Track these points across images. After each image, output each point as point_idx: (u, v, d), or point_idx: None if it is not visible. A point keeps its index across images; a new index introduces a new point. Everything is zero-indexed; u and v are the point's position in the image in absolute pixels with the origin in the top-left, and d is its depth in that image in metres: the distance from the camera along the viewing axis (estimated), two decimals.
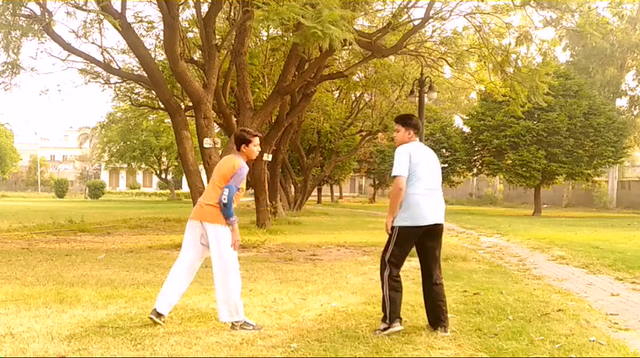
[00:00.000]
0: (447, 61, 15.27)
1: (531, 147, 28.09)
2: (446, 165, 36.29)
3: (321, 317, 5.40)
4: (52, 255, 9.70)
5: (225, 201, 4.79)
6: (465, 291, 6.76)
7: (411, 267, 8.76)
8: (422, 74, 12.14)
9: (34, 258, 9.29)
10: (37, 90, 34.76)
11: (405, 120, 5.10)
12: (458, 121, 42.49)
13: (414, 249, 5.13)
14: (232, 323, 4.84)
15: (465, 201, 45.16)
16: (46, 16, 10.48)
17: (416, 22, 12.79)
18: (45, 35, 11.38)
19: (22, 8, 10.50)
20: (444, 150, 36.33)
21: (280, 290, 6.68)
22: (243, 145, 5.14)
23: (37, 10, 10.65)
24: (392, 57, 17.48)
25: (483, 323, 5.17)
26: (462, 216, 25.29)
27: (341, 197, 51.89)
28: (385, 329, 4.79)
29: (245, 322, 4.86)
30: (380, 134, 31.06)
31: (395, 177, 4.83)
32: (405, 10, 12.76)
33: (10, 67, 12.76)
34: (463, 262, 9.50)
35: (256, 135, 5.21)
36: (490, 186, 51.21)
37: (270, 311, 5.59)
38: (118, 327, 4.84)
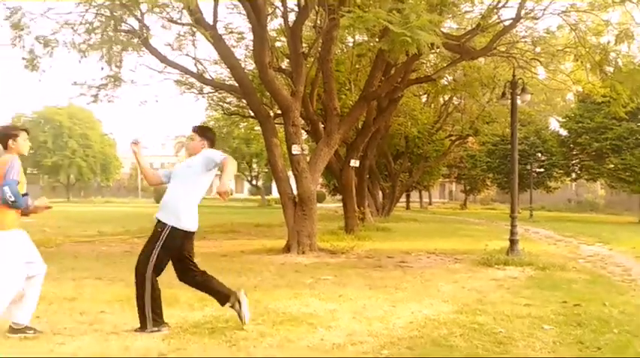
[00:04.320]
0: (540, 62, 14.63)
1: (635, 150, 26.34)
2: (542, 169, 34.78)
3: (411, 324, 5.32)
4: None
5: (13, 199, 4.46)
6: (565, 302, 6.43)
7: (506, 276, 8.47)
8: (514, 76, 11.68)
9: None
10: (136, 101, 36.64)
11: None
12: (554, 124, 40.60)
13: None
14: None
15: (562, 208, 42.95)
16: (144, 31, 11.05)
17: (506, 23, 12.36)
18: (143, 49, 12.03)
19: (123, 24, 11.14)
20: (539, 154, 34.82)
21: (370, 297, 6.64)
22: (10, 141, 4.75)
23: (136, 25, 11.27)
24: (482, 59, 16.99)
25: (585, 336, 4.89)
26: (560, 223, 24.12)
27: (430, 203, 51.00)
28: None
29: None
30: (470, 138, 30.25)
31: None
32: (495, 10, 12.36)
33: (112, 79, 13.59)
34: (562, 271, 9.05)
35: (23, 130, 4.92)
36: (590, 191, 48.48)
37: (360, 318, 5.57)
38: (214, 329, 5.00)
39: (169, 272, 5.01)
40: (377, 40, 11.65)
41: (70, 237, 13.45)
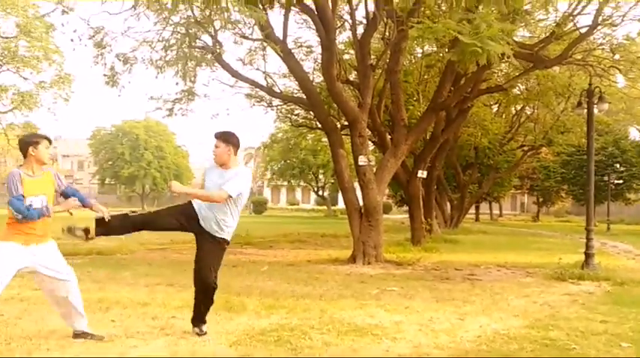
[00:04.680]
0: (619, 70, 14.01)
1: None
2: (620, 181, 33.16)
3: (480, 338, 5.21)
4: (221, 266, 10.46)
5: (19, 217, 4.41)
6: None
7: (581, 291, 8.13)
8: (590, 84, 11.24)
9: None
10: (208, 115, 37.73)
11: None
12: (634, 133, 38.65)
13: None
14: None
15: None
16: (217, 47, 11.43)
17: (583, 30, 11.95)
18: (216, 64, 12.44)
19: (197, 41, 11.57)
20: (617, 165, 33.23)
21: (437, 310, 6.55)
22: (31, 148, 4.58)
23: (209, 42, 11.67)
24: (556, 67, 16.44)
25: None
26: None
27: (501, 215, 49.56)
28: None
29: None
30: (544, 149, 29.25)
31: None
32: (571, 18, 11.98)
33: (186, 94, 14.13)
34: None
35: (45, 138, 4.72)
36: None
37: (427, 330, 5.51)
38: (280, 337, 5.08)
39: (237, 281, 5.14)
40: (446, 50, 11.53)
41: (144, 245, 13.98)
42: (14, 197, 4.42)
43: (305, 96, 12.97)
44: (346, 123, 13.57)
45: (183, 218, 4.92)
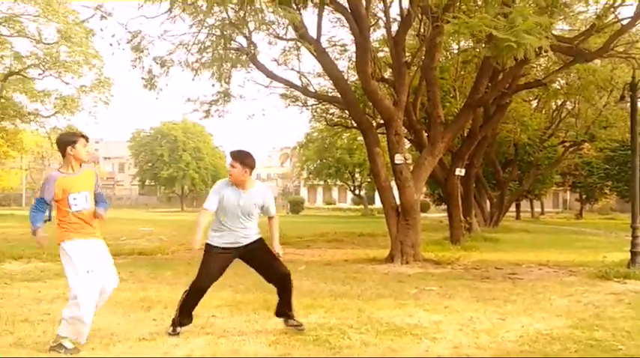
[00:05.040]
0: None
1: None
2: None
3: (522, 338, 5.10)
4: None
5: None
6: None
7: (627, 290, 7.89)
8: (633, 77, 10.88)
9: (244, 268, 10.16)
10: (244, 115, 38.19)
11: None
12: None
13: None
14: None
15: None
16: (252, 48, 11.51)
17: (624, 22, 11.59)
18: (251, 65, 12.53)
19: (232, 42, 11.68)
20: None
21: (477, 309, 6.45)
22: (69, 148, 4.67)
23: (244, 43, 11.77)
24: (597, 60, 16.00)
25: None
26: None
27: (542, 213, 48.53)
28: None
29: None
30: (586, 144, 28.52)
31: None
32: (612, 9, 11.63)
33: (222, 95, 14.30)
34: None
35: (83, 136, 4.80)
36: None
37: (467, 330, 5.43)
38: (318, 336, 5.08)
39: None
40: (483, 46, 11.35)
41: (184, 245, 14.18)
42: (36, 198, 4.63)
43: (340, 95, 12.94)
44: (382, 121, 13.49)
45: (224, 258, 5.19)
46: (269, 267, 5.32)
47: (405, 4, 12.32)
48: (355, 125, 15.72)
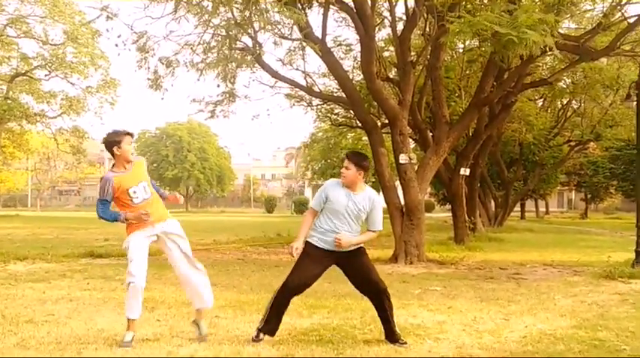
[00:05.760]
0: None
1: None
2: None
3: (525, 339, 5.09)
4: (263, 266, 10.59)
5: (98, 216, 4.83)
6: None
7: (631, 290, 7.86)
8: (639, 76, 10.88)
9: (248, 268, 10.22)
10: (249, 115, 38.16)
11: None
12: None
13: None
14: None
15: None
16: (257, 48, 11.52)
17: (631, 20, 11.55)
18: (256, 65, 12.54)
19: (237, 42, 11.69)
20: None
21: (480, 309, 6.44)
22: (115, 148, 4.76)
23: (249, 43, 11.78)
24: (604, 59, 15.94)
25: None
26: None
27: (547, 212, 48.40)
28: None
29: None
30: (591, 143, 28.41)
31: None
32: (618, 7, 11.58)
33: (227, 96, 14.31)
34: None
35: (127, 134, 4.86)
36: None
37: (470, 330, 5.42)
38: (321, 336, 5.08)
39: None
40: (488, 44, 11.33)
41: None
42: (98, 199, 4.76)
43: (345, 95, 12.94)
44: (386, 121, 13.48)
45: (321, 260, 5.09)
46: (366, 279, 5.07)
47: (411, 3, 12.32)
48: (360, 125, 15.73)
